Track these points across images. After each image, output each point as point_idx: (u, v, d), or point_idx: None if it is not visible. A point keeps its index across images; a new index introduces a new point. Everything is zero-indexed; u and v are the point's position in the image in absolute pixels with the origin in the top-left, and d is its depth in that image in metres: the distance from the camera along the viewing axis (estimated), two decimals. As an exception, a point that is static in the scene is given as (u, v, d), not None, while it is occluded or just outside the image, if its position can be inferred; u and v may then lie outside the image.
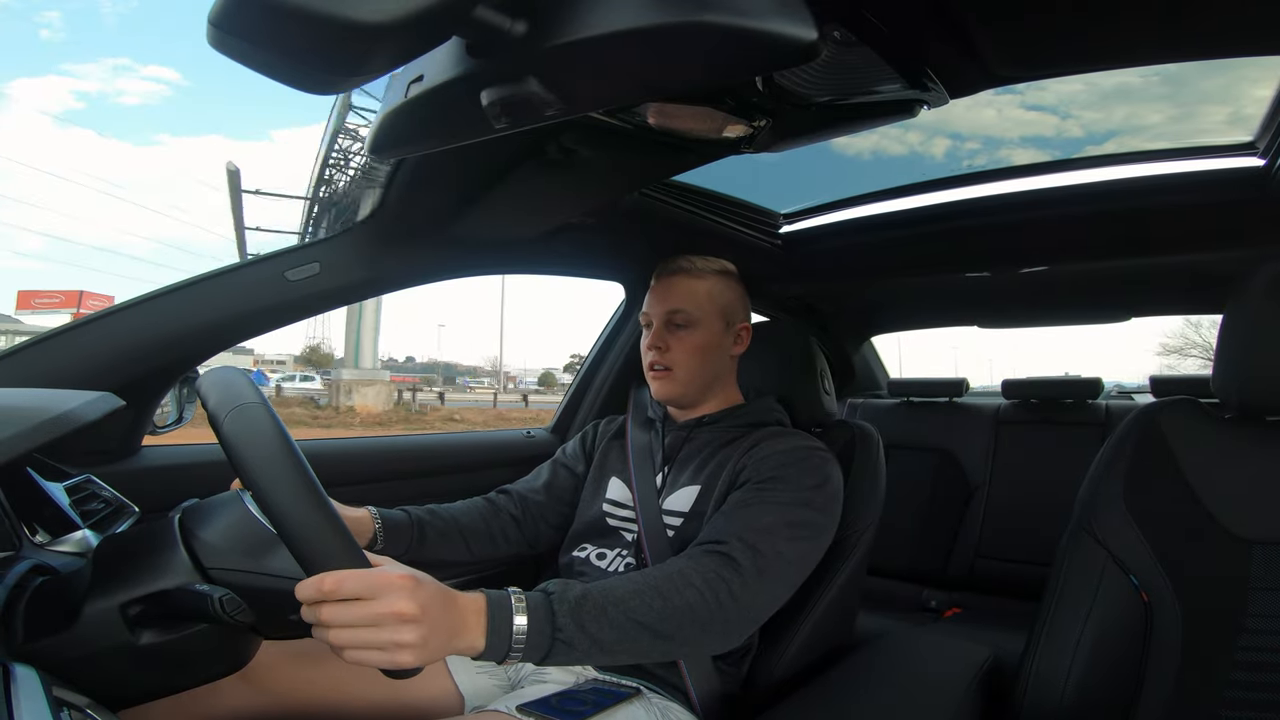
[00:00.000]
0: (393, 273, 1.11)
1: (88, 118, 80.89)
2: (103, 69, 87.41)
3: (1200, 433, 0.86)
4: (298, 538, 0.55)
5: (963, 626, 1.77)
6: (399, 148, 0.76)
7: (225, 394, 0.58)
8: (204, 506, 0.66)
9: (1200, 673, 0.78)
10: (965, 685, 0.94)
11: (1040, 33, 0.68)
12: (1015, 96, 1.28)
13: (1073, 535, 0.89)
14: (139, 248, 79.42)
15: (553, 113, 0.56)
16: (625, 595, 0.72)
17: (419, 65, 0.58)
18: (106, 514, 0.81)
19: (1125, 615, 0.83)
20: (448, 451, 1.48)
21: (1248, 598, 0.78)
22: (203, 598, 0.56)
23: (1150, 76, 1.20)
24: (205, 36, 0.42)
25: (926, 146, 1.51)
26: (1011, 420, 2.09)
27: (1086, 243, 1.40)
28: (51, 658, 0.53)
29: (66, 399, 0.59)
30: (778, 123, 0.78)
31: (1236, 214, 1.19)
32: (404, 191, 0.98)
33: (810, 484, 0.91)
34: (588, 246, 1.40)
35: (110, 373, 0.91)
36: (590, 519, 1.07)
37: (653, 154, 0.88)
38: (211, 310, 0.98)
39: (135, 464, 1.02)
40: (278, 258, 1.02)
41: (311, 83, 0.47)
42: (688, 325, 1.04)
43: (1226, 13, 0.64)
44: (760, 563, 0.81)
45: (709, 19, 0.45)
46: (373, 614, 0.56)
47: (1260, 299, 0.81)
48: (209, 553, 0.61)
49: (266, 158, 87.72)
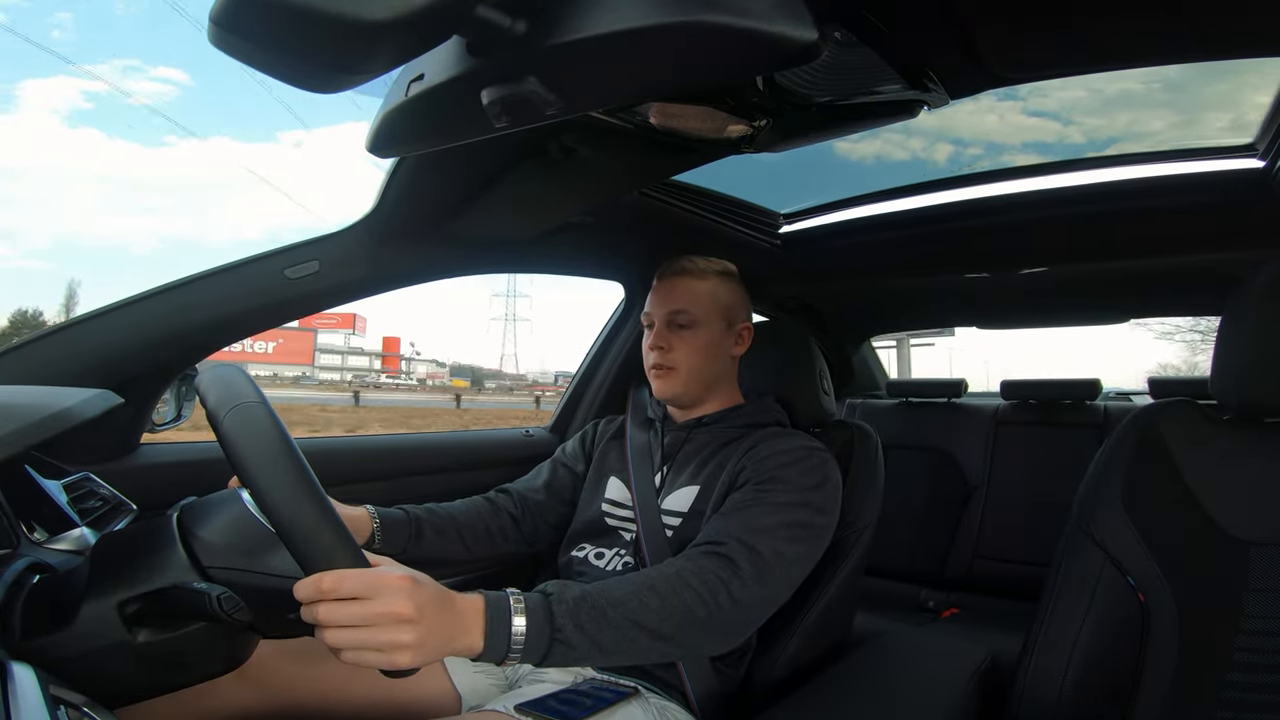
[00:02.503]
0: (392, 271, 1.11)
1: (97, 118, 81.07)
2: (113, 70, 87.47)
3: (1199, 434, 0.86)
4: (296, 536, 0.55)
5: (960, 627, 1.78)
6: (399, 146, 0.76)
7: (224, 392, 0.58)
8: (202, 505, 0.66)
9: (1197, 674, 0.78)
10: (963, 685, 0.94)
11: (1041, 33, 0.68)
12: (1017, 103, 1.29)
13: (1070, 536, 0.89)
14: (144, 246, 79.68)
15: (553, 112, 0.55)
16: (624, 596, 0.72)
17: (419, 64, 0.57)
18: (104, 512, 0.81)
19: (1122, 616, 0.83)
20: (447, 450, 1.48)
21: (1245, 599, 0.78)
22: (201, 596, 0.56)
23: (1152, 83, 1.20)
24: (206, 35, 0.42)
25: (929, 152, 1.51)
26: (1010, 421, 2.09)
27: (1086, 244, 1.40)
28: (49, 656, 0.53)
29: (65, 396, 0.59)
30: (778, 123, 0.78)
31: (1236, 215, 1.19)
32: (404, 190, 0.98)
33: (809, 484, 0.91)
34: (587, 246, 1.40)
35: (109, 370, 0.91)
36: (589, 519, 1.07)
37: (653, 153, 0.88)
38: (211, 308, 0.98)
39: (134, 462, 1.02)
40: (277, 255, 1.02)
41: (312, 81, 0.47)
42: (690, 325, 1.04)
43: (1227, 14, 0.64)
44: (759, 563, 0.81)
45: (710, 19, 0.45)
46: (370, 614, 0.56)
47: (1260, 300, 0.81)
48: (207, 551, 0.61)
49: (270, 159, 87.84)
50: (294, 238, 1.05)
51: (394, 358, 39.44)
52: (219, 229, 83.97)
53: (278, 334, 27.87)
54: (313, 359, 28.93)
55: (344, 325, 29.88)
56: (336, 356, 34.56)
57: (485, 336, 74.52)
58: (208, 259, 53.30)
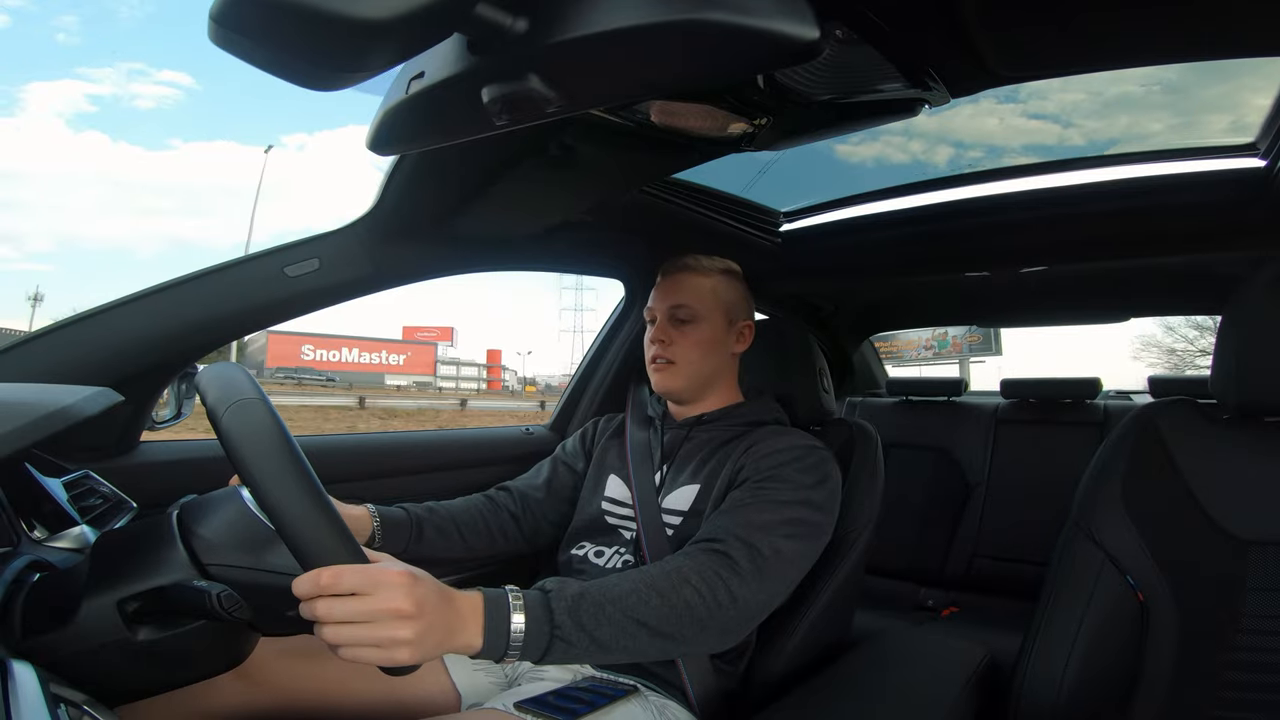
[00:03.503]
0: (392, 269, 1.11)
1: (101, 121, 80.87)
2: (118, 73, 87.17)
3: (1198, 433, 0.86)
4: (296, 534, 0.55)
5: (960, 625, 1.78)
6: (400, 144, 0.76)
7: (224, 389, 0.58)
8: (202, 502, 0.66)
9: (1196, 673, 0.78)
10: (962, 684, 0.94)
11: (1041, 32, 0.68)
12: (1017, 105, 1.29)
13: (1069, 535, 0.89)
14: (148, 249, 79.71)
15: (553, 110, 0.55)
16: (623, 593, 0.72)
17: (420, 61, 0.57)
18: (105, 509, 0.81)
19: (1121, 615, 0.83)
20: (447, 448, 1.48)
21: (1244, 598, 0.78)
22: (201, 594, 0.56)
23: (1152, 85, 1.20)
24: (207, 33, 0.42)
25: (929, 155, 1.51)
26: (1010, 420, 2.09)
27: (1086, 243, 1.40)
28: (49, 654, 0.53)
29: (65, 394, 0.59)
30: (779, 121, 0.78)
31: (1237, 214, 1.19)
32: (404, 188, 0.98)
33: (809, 482, 0.91)
34: (588, 244, 1.39)
35: (109, 368, 0.91)
36: (589, 517, 1.08)
37: (653, 152, 0.88)
38: (211, 305, 0.98)
39: (133, 459, 1.02)
40: (277, 253, 1.02)
41: (313, 79, 0.47)
42: (691, 321, 1.04)
43: (1227, 13, 0.64)
44: (758, 561, 0.81)
45: (710, 17, 0.45)
46: (369, 610, 0.56)
47: (1260, 299, 0.81)
48: (207, 549, 0.61)
49: (273, 160, 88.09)
50: (298, 240, 1.05)
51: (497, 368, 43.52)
52: (223, 232, 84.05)
53: (406, 348, 30.32)
54: (434, 370, 30.21)
55: (442, 338, 32.77)
56: (452, 367, 36.99)
57: (556, 347, 76.10)
58: (211, 261, 53.42)
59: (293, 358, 28.06)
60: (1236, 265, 1.36)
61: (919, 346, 13.21)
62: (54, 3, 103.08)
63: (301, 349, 28.69)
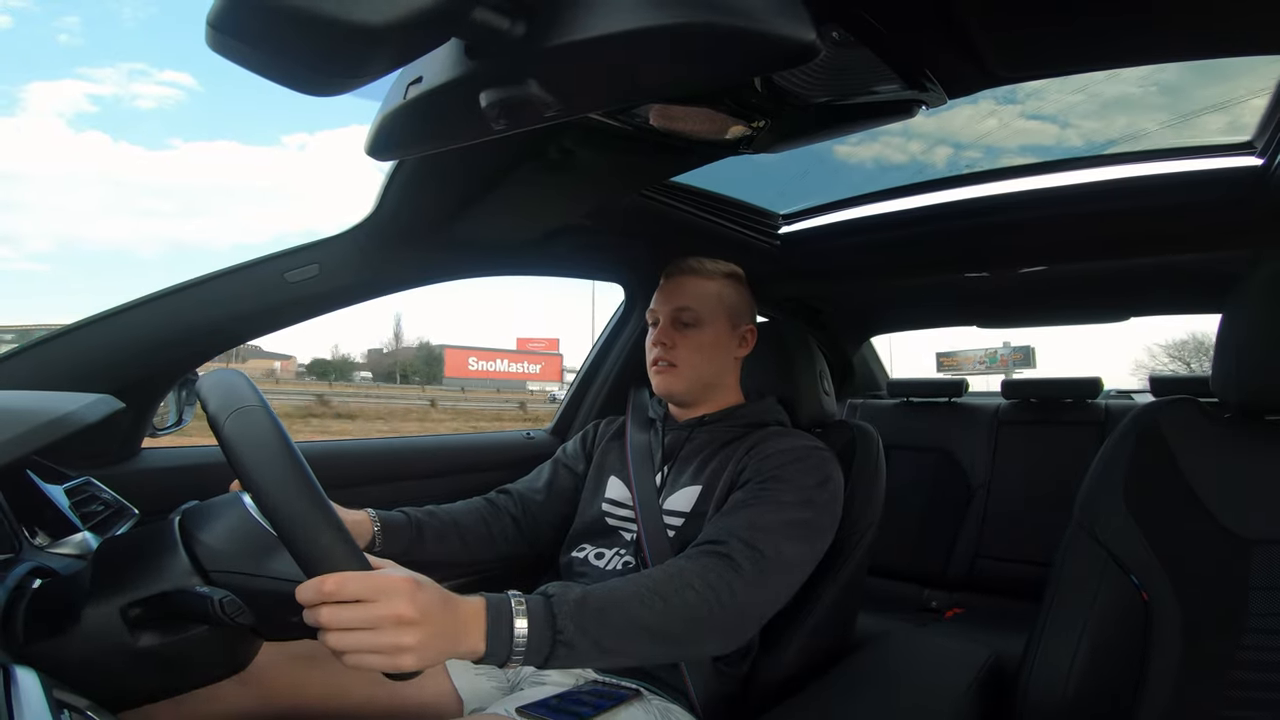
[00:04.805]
0: (392, 274, 1.11)
1: (101, 121, 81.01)
2: (119, 73, 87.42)
3: (1200, 432, 0.86)
4: (298, 540, 0.55)
5: (963, 627, 1.77)
6: (399, 149, 0.76)
7: (225, 396, 0.58)
8: (204, 508, 0.66)
9: (1201, 672, 0.78)
10: (966, 686, 0.94)
11: (1038, 32, 0.68)
12: (1016, 106, 1.29)
13: (1072, 535, 0.89)
14: (149, 250, 79.83)
15: (552, 114, 0.56)
16: (625, 597, 0.72)
17: (418, 66, 0.58)
18: (106, 516, 0.81)
19: (1125, 615, 0.82)
20: (448, 453, 1.48)
21: (1248, 597, 0.77)
22: (203, 600, 0.56)
23: (1149, 86, 1.20)
24: (204, 38, 0.42)
25: (928, 156, 1.51)
26: (1011, 420, 2.09)
27: (1085, 242, 1.40)
28: (52, 660, 0.53)
29: (66, 401, 0.59)
30: (776, 123, 0.79)
31: (1235, 213, 1.19)
32: (403, 193, 0.98)
33: (811, 484, 0.91)
34: (587, 247, 1.40)
35: (110, 375, 0.91)
36: (590, 519, 1.08)
37: (652, 155, 0.88)
38: (211, 312, 0.98)
39: (135, 466, 1.02)
40: (277, 259, 1.02)
41: (311, 85, 0.47)
42: (694, 324, 1.04)
43: (1225, 12, 0.64)
44: (761, 563, 0.80)
45: (708, 20, 0.45)
46: (373, 616, 0.56)
47: (1259, 299, 0.81)
48: (209, 555, 0.61)
49: (275, 161, 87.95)
50: (299, 242, 1.05)
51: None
52: (223, 233, 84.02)
53: (540, 359, 32.62)
54: (561, 376, 31.41)
55: (550, 347, 34.55)
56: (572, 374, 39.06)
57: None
58: (212, 263, 53.49)
59: (462, 369, 30.82)
60: (1235, 263, 1.36)
61: (974, 361, 18.83)
62: (57, 4, 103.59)
63: (468, 360, 31.32)
